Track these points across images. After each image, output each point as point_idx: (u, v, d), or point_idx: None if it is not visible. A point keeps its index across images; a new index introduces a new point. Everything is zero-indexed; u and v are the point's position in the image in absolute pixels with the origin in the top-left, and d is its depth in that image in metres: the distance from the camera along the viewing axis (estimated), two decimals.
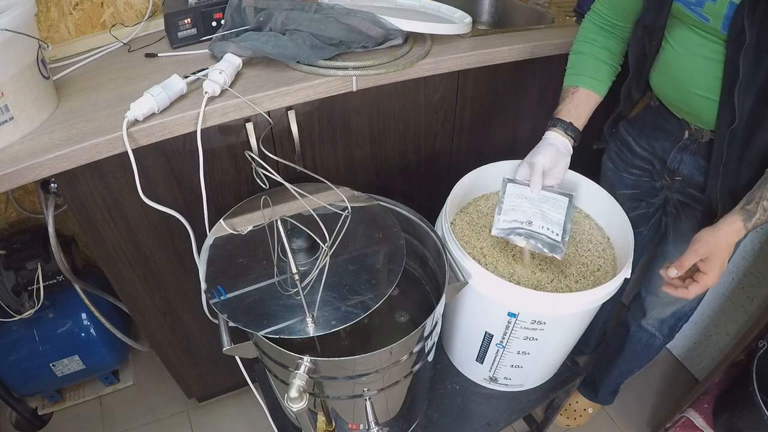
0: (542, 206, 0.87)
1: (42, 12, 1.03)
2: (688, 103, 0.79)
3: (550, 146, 0.87)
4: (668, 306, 1.05)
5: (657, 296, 1.06)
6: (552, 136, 0.88)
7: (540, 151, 0.88)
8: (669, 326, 1.09)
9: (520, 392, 1.05)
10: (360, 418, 0.81)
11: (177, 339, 1.15)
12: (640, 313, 1.11)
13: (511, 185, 0.90)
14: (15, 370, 1.24)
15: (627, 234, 0.87)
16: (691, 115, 0.81)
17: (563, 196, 0.89)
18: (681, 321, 1.09)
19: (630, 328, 1.15)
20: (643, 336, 1.13)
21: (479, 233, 0.94)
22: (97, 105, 0.84)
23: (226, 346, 0.71)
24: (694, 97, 0.77)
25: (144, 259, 0.97)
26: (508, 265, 0.88)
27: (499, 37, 1.09)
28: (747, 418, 1.06)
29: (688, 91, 0.77)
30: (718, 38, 0.70)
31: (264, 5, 0.98)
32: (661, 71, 0.83)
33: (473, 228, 0.95)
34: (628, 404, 1.43)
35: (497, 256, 0.90)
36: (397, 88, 1.02)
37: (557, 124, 0.89)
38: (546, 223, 0.85)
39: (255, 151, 0.91)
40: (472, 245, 0.92)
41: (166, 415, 1.41)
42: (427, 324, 0.72)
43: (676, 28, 0.77)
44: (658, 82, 0.85)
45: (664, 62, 0.81)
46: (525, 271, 0.88)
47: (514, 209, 0.87)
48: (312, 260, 0.75)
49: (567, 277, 0.87)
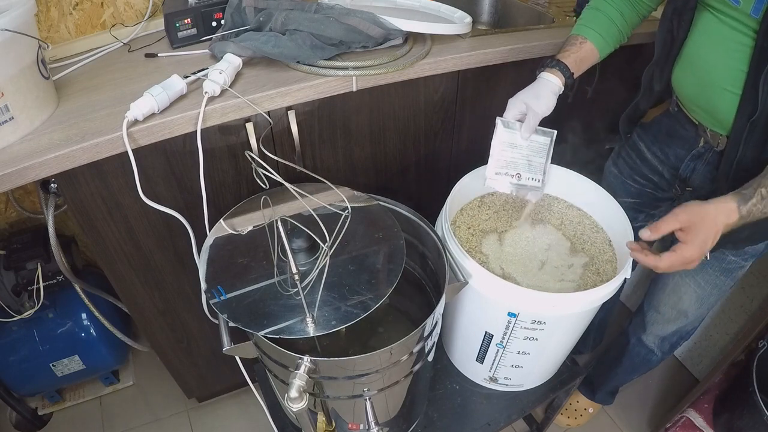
0: (528, 153, 0.90)
1: (42, 12, 1.03)
2: (708, 98, 0.76)
3: (550, 93, 0.84)
4: (669, 323, 1.03)
5: (659, 312, 1.04)
6: (553, 79, 0.85)
7: (540, 95, 0.84)
8: (670, 344, 1.08)
9: (520, 392, 1.05)
10: (360, 418, 0.81)
11: (177, 339, 1.15)
12: (641, 328, 1.10)
13: (504, 131, 0.89)
14: (15, 370, 1.24)
15: (627, 234, 0.86)
16: (710, 115, 0.78)
17: (545, 137, 0.89)
18: (682, 339, 1.07)
19: (630, 340, 1.15)
20: (642, 351, 1.13)
21: (479, 233, 0.94)
22: (97, 105, 0.84)
23: (226, 346, 0.71)
24: (716, 90, 0.73)
25: (144, 259, 0.97)
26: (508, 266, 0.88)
27: (499, 37, 1.09)
28: (747, 418, 1.06)
29: (710, 83, 0.74)
30: (745, 26, 0.67)
31: (264, 5, 0.98)
32: (684, 65, 0.81)
33: (473, 228, 0.95)
34: (628, 404, 1.43)
35: (497, 255, 0.90)
36: (397, 88, 1.02)
37: (560, 68, 0.85)
38: (531, 173, 0.91)
39: (255, 151, 0.91)
40: (472, 245, 0.92)
41: (166, 415, 1.41)
42: (427, 324, 0.72)
43: (703, 17, 0.75)
44: (680, 78, 0.83)
45: (688, 56, 0.79)
46: (526, 274, 0.88)
47: (504, 159, 0.90)
48: (312, 260, 0.75)
49: (567, 277, 0.87)
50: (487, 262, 0.89)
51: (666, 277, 1.00)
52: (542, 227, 0.96)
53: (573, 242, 0.93)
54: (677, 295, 0.98)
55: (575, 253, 0.91)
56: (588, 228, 0.96)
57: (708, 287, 0.94)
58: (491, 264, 0.89)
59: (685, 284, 0.96)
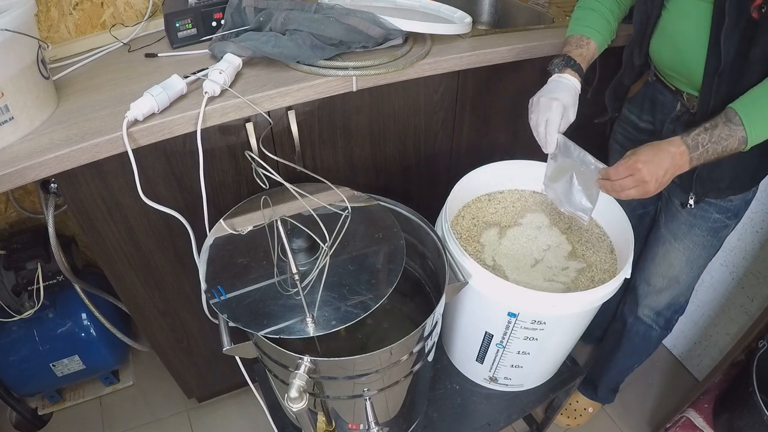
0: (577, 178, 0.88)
1: (42, 12, 1.03)
2: (682, 61, 0.83)
3: (577, 99, 0.85)
4: (661, 293, 1.06)
5: (649, 284, 1.07)
6: (577, 84, 0.86)
7: (575, 101, 0.85)
8: (665, 318, 1.10)
9: (520, 392, 1.05)
10: (360, 418, 0.81)
11: (177, 339, 1.15)
12: (634, 304, 1.12)
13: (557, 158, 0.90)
14: (15, 370, 1.24)
15: (627, 234, 0.87)
16: (685, 77, 0.85)
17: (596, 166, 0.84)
18: (677, 314, 1.10)
19: (627, 321, 1.15)
20: (641, 328, 1.13)
21: (479, 233, 0.94)
22: (97, 105, 0.84)
23: (226, 346, 0.71)
24: (688, 53, 0.81)
25: (144, 259, 0.97)
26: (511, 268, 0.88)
27: (499, 37, 1.09)
28: (747, 418, 1.06)
29: (684, 48, 0.81)
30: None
31: (264, 5, 0.98)
32: (660, 37, 0.88)
33: (477, 218, 0.95)
34: (628, 404, 1.43)
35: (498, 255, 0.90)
36: (397, 88, 1.02)
37: (575, 68, 0.87)
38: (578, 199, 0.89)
39: (255, 151, 0.91)
40: (472, 245, 0.92)
41: (166, 415, 1.41)
42: (427, 324, 0.72)
43: None
44: (657, 48, 0.89)
45: (663, 29, 0.86)
46: (526, 275, 0.88)
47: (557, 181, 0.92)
48: (312, 260, 0.75)
49: (558, 278, 0.87)
50: (481, 252, 0.89)
51: (655, 247, 1.04)
52: (547, 229, 0.96)
53: (575, 247, 0.93)
54: (667, 262, 1.02)
55: (574, 258, 0.91)
56: (594, 236, 0.96)
57: (697, 248, 0.98)
58: (485, 254, 0.89)
59: (674, 249, 1.00)
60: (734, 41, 0.72)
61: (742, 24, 0.71)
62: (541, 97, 0.84)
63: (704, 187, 0.87)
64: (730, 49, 0.73)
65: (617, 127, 1.09)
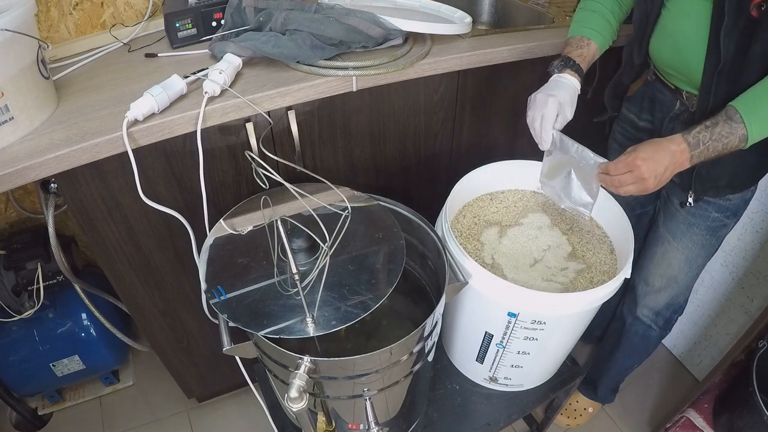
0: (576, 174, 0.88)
1: (42, 12, 1.03)
2: (682, 60, 0.83)
3: (576, 99, 0.86)
4: (660, 293, 1.06)
5: (648, 284, 1.07)
6: (576, 84, 0.87)
7: (573, 101, 0.86)
8: (664, 319, 1.10)
9: (520, 392, 1.05)
10: (360, 418, 0.81)
11: (177, 339, 1.15)
12: (633, 304, 1.12)
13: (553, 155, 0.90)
14: (15, 370, 1.24)
15: (627, 233, 0.87)
16: (684, 75, 0.85)
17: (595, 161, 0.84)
18: (676, 314, 1.10)
19: (626, 321, 1.15)
20: (640, 328, 1.13)
21: (480, 231, 0.94)
22: (97, 105, 0.84)
23: (226, 346, 0.71)
24: (688, 51, 0.81)
25: (144, 259, 0.97)
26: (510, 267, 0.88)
27: (499, 37, 1.09)
28: (747, 418, 1.06)
29: (684, 46, 0.82)
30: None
31: (264, 5, 0.98)
32: (659, 36, 0.88)
33: (479, 217, 0.95)
34: (628, 404, 1.43)
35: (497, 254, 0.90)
36: (397, 88, 1.02)
37: (574, 68, 0.88)
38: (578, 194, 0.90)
39: (255, 151, 0.91)
40: (472, 243, 0.92)
41: (166, 415, 1.41)
42: (427, 324, 0.72)
43: None
44: (657, 46, 0.89)
45: (663, 27, 0.86)
46: (525, 275, 0.88)
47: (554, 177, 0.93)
48: (312, 260, 0.75)
49: (556, 278, 0.87)
50: (481, 250, 0.89)
51: (654, 247, 1.04)
52: (548, 229, 0.96)
53: (575, 248, 0.93)
54: (666, 261, 1.02)
55: (574, 259, 0.91)
56: (596, 238, 0.95)
57: (696, 248, 0.98)
58: (484, 252, 0.89)
59: (673, 248, 1.00)
60: (734, 39, 0.72)
61: (741, 22, 0.71)
62: (538, 93, 0.86)
63: (703, 186, 0.87)
64: (729, 47, 0.73)
65: (616, 126, 1.09)
